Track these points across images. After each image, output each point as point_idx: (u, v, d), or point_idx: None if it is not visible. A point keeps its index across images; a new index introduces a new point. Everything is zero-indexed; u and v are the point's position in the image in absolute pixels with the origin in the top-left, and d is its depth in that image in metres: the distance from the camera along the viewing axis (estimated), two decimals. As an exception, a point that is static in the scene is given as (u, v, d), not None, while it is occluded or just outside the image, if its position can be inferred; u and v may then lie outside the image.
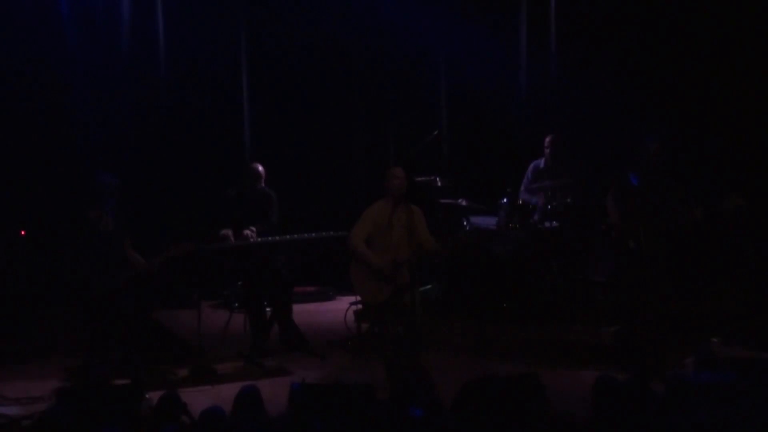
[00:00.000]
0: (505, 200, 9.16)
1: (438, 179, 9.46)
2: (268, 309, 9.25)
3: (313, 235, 8.89)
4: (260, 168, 9.06)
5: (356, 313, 9.32)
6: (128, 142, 11.13)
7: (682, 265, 8.40)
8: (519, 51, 11.19)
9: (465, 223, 9.44)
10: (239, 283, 9.79)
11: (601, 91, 10.75)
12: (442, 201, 9.57)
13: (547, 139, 9.24)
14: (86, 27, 11.00)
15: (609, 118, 10.60)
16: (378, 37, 11.36)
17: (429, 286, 9.73)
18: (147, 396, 7.34)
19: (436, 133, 10.10)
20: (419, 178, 9.29)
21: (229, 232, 8.70)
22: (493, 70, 11.22)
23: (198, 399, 7.39)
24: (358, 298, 9.23)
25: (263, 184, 9.04)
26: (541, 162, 9.32)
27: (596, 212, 8.37)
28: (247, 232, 8.73)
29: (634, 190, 7.91)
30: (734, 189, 7.68)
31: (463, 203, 9.47)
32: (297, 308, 9.89)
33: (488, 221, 9.44)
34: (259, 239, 8.74)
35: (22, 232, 9.64)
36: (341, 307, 9.90)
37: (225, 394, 7.52)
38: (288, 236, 8.88)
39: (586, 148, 9.97)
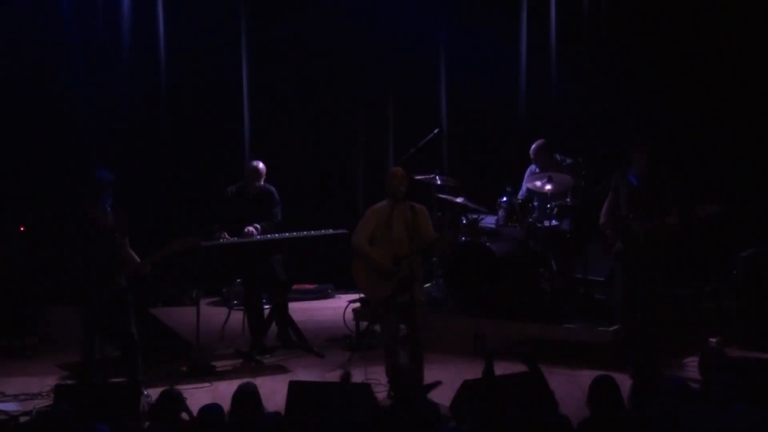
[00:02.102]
0: (504, 199, 9.15)
1: (437, 178, 9.44)
2: (266, 307, 9.25)
3: (313, 233, 8.89)
4: (261, 165, 9.00)
5: (355, 311, 9.31)
6: (128, 139, 11.10)
7: (676, 266, 8.36)
8: (519, 51, 11.17)
9: (464, 221, 9.43)
10: (238, 280, 9.78)
11: (601, 91, 10.75)
12: (440, 196, 9.55)
13: (532, 149, 9.18)
14: (86, 25, 10.98)
15: (609, 117, 10.60)
16: (378, 37, 11.33)
17: (429, 285, 9.72)
18: (146, 393, 7.38)
19: (437, 131, 10.09)
20: (419, 177, 9.27)
21: (223, 232, 8.68)
22: (493, 70, 11.21)
23: (196, 396, 7.40)
24: (358, 296, 9.25)
25: (264, 182, 9.01)
26: (536, 167, 9.26)
27: (596, 211, 8.34)
28: (250, 228, 8.72)
29: (632, 190, 7.90)
30: (710, 196, 7.68)
31: (463, 202, 9.45)
32: (296, 306, 9.89)
33: (488, 220, 9.43)
34: (259, 237, 8.73)
35: (22, 228, 9.62)
36: (340, 305, 9.89)
37: (223, 391, 7.54)
38: (287, 234, 8.88)
39: (585, 148, 9.95)
